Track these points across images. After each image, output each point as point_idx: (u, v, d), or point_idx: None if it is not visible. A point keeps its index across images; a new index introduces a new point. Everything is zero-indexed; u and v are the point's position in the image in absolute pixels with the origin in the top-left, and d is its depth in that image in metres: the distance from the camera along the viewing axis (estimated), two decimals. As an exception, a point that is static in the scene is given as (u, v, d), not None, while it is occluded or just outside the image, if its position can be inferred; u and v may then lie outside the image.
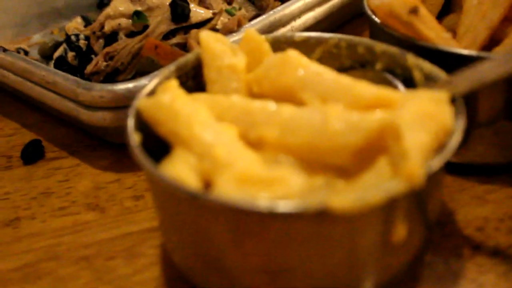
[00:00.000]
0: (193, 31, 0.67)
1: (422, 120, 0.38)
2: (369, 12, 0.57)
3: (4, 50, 0.68)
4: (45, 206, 0.57)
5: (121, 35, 0.69)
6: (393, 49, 0.49)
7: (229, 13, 0.71)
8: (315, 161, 0.40)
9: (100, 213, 0.55)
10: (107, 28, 0.69)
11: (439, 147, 0.39)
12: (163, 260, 0.49)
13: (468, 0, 0.55)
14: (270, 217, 0.36)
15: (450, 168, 0.43)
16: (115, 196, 0.57)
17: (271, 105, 0.42)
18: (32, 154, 0.63)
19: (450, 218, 0.51)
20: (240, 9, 0.75)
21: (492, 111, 0.52)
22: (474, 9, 0.55)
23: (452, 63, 0.47)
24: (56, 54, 0.72)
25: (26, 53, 0.76)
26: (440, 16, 0.60)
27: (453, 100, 0.42)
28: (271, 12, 0.70)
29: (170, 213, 0.42)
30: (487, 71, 0.42)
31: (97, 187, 0.59)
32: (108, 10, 0.70)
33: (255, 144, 0.41)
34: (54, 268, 0.49)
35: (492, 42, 0.55)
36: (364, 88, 0.42)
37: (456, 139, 0.39)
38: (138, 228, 0.53)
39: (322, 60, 0.51)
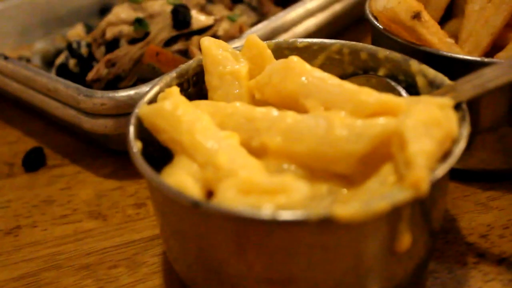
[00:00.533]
0: (195, 38, 0.67)
1: (427, 126, 0.38)
2: (371, 18, 0.56)
3: (6, 57, 0.67)
4: (47, 214, 0.56)
5: (123, 42, 0.69)
6: (396, 55, 0.49)
7: (231, 19, 0.71)
8: (318, 169, 0.40)
9: (102, 221, 0.55)
10: (109, 35, 0.69)
11: (443, 154, 0.39)
12: (165, 269, 0.49)
13: (470, 6, 0.55)
14: (273, 226, 0.35)
15: (452, 174, 0.42)
16: (117, 204, 0.57)
17: (274, 112, 0.42)
18: (34, 162, 0.63)
19: (453, 225, 0.51)
20: (241, 15, 0.75)
21: (495, 117, 0.51)
22: (476, 15, 0.54)
23: (455, 68, 0.47)
24: (58, 61, 0.72)
25: (28, 60, 0.76)
26: (442, 22, 0.59)
27: (456, 106, 0.42)
28: (273, 18, 0.70)
29: (172, 222, 0.42)
30: (491, 77, 0.42)
31: (99, 195, 0.58)
32: (110, 17, 0.69)
33: (257, 151, 0.41)
34: (56, 277, 0.49)
35: (494, 48, 0.54)
36: (368, 95, 0.42)
37: (460, 146, 0.39)
38: (140, 236, 0.53)
39: (324, 66, 0.51)
